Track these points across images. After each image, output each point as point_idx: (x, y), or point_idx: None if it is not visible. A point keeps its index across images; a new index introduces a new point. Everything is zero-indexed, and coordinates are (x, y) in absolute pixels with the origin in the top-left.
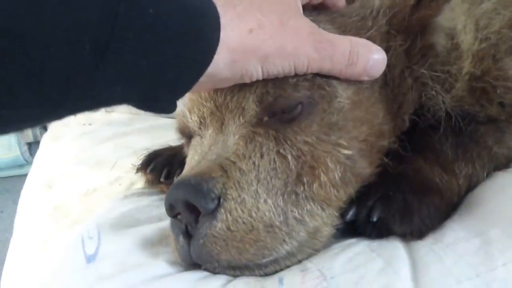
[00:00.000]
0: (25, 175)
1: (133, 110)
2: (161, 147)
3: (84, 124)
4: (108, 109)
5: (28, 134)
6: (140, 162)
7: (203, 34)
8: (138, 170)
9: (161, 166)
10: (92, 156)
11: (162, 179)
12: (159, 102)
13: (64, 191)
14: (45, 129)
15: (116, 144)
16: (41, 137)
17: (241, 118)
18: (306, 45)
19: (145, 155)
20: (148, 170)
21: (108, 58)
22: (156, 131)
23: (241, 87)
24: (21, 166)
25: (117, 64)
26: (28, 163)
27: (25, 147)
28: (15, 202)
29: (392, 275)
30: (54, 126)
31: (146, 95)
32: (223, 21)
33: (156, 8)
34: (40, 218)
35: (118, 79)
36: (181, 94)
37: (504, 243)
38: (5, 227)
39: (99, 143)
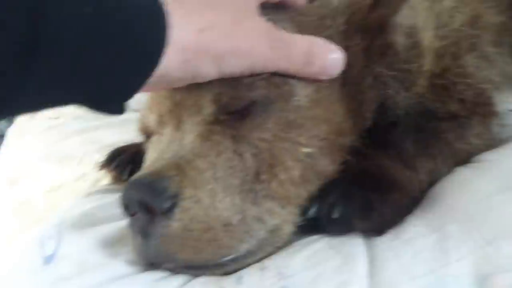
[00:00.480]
0: None
1: None
2: (126, 144)
3: (51, 118)
4: None
5: None
6: (104, 159)
7: (149, 34)
8: (101, 167)
9: (125, 163)
10: (59, 151)
11: (125, 177)
12: (106, 103)
13: (29, 188)
14: (11, 123)
15: (84, 139)
16: (6, 131)
17: (198, 116)
18: (261, 45)
19: (109, 152)
20: (111, 167)
21: (39, 59)
22: (126, 125)
23: (198, 85)
24: None
25: (50, 67)
26: None
27: None
28: None
29: (348, 273)
30: (20, 120)
31: (90, 97)
32: (172, 20)
33: (92, 8)
34: (3, 215)
35: (54, 81)
36: (128, 96)
37: (459, 239)
38: None
39: (67, 137)
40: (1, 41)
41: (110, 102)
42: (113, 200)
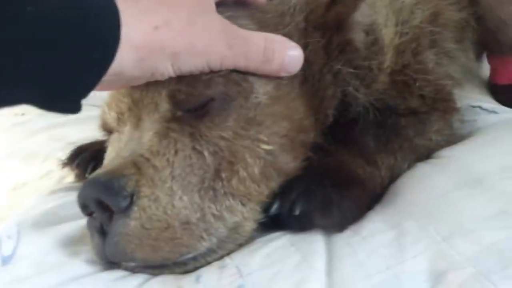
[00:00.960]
0: None
1: None
2: (89, 141)
3: (16, 114)
4: None
5: None
6: (66, 156)
7: (99, 32)
8: (64, 165)
9: (87, 161)
10: (24, 148)
11: (87, 175)
12: (59, 102)
13: None
14: None
15: (49, 136)
16: None
17: (155, 114)
18: (218, 42)
19: (71, 149)
20: (74, 165)
21: None
22: (93, 122)
23: (155, 83)
24: None
25: None
26: None
27: None
28: None
29: (307, 270)
30: None
31: (42, 96)
32: (125, 17)
33: (37, 7)
34: None
35: (1, 83)
36: (83, 94)
37: (416, 235)
38: None
39: (32, 134)
40: None
41: (64, 102)
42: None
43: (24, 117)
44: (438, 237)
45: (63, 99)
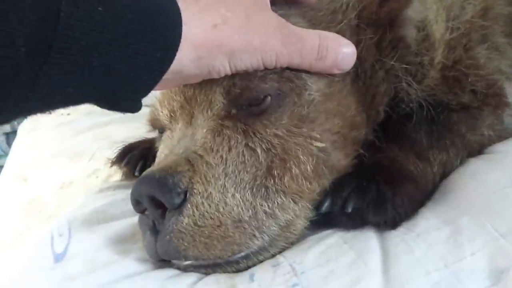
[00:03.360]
0: (1, 167)
1: None
2: (137, 139)
3: (62, 114)
4: None
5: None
6: (115, 155)
7: (163, 31)
8: (113, 163)
9: (136, 160)
10: (70, 147)
11: (136, 173)
12: (120, 101)
13: (40, 184)
14: (23, 119)
15: (95, 135)
16: (18, 127)
17: (209, 111)
18: (273, 40)
19: (120, 148)
20: (123, 164)
21: (52, 59)
22: (138, 121)
23: (209, 80)
24: None
25: (63, 64)
26: (5, 153)
27: (2, 138)
28: None
29: (362, 268)
30: (32, 117)
31: (105, 95)
32: (185, 16)
33: (106, 6)
34: (14, 212)
35: (68, 80)
36: (144, 93)
37: (473, 231)
38: None
39: (78, 133)
40: (14, 41)
41: (125, 100)
42: (125, 196)
43: (70, 116)
44: (496, 233)
45: (125, 98)
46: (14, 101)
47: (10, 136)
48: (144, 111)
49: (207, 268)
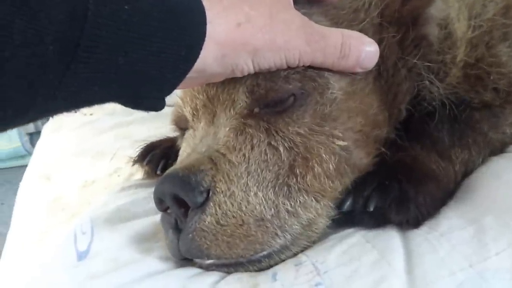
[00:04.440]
0: (26, 166)
1: None
2: (159, 138)
3: (85, 114)
4: None
5: (29, 124)
6: (137, 154)
7: (187, 29)
8: (135, 162)
9: (158, 158)
10: (92, 146)
11: (158, 172)
12: (145, 99)
13: (63, 183)
14: (47, 119)
15: (117, 134)
16: (42, 127)
17: (231, 110)
18: (297, 38)
19: (142, 147)
20: (145, 162)
21: (79, 57)
22: (159, 120)
23: (232, 79)
24: (22, 157)
25: (90, 63)
26: (29, 153)
27: (26, 138)
28: (16, 193)
29: (386, 268)
30: (56, 117)
31: (130, 93)
32: (209, 15)
33: (133, 4)
34: (37, 211)
35: (94, 78)
36: (168, 91)
37: (498, 231)
38: (6, 219)
39: (100, 133)
40: (42, 40)
41: (149, 99)
42: (147, 195)
43: (93, 116)
44: None
45: (149, 96)
46: (42, 99)
47: (34, 136)
48: (166, 110)
49: (229, 267)
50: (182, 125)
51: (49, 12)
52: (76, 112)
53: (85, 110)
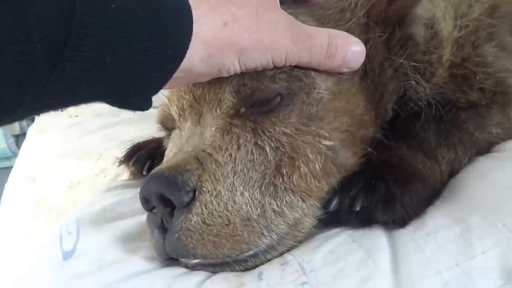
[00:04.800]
0: (11, 168)
1: None
2: (145, 139)
3: (71, 116)
4: None
5: (15, 126)
6: (123, 154)
7: (174, 28)
8: (121, 162)
9: (144, 159)
10: (78, 147)
11: (144, 172)
12: (131, 99)
13: (48, 184)
14: (32, 120)
15: (103, 135)
16: (28, 129)
17: (218, 110)
18: (283, 38)
19: (128, 147)
20: (131, 163)
21: (67, 56)
22: (146, 121)
23: (218, 79)
24: (8, 158)
25: (77, 61)
26: (15, 155)
27: (12, 139)
28: (2, 195)
29: (372, 267)
30: (41, 118)
31: (117, 92)
32: (196, 14)
33: (119, 3)
34: (23, 212)
35: (82, 77)
36: (154, 91)
37: (484, 230)
38: None
39: (86, 134)
40: (30, 38)
41: (135, 98)
42: (133, 195)
43: (78, 118)
44: (507, 232)
45: (136, 95)
46: (31, 97)
47: (20, 138)
48: (152, 112)
49: (215, 266)
50: (168, 124)
51: (36, 10)
52: (63, 110)
53: (71, 112)
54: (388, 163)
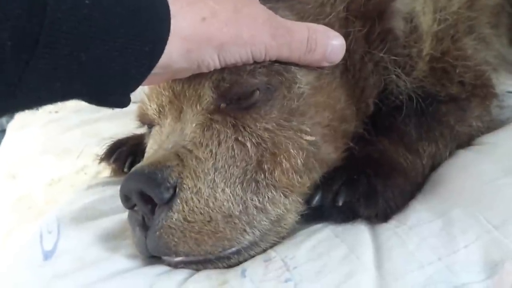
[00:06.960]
0: None
1: None
2: (126, 135)
3: (50, 112)
4: None
5: None
6: (104, 151)
7: (151, 24)
8: (101, 160)
9: (125, 156)
10: (58, 144)
11: (125, 169)
12: (109, 96)
13: (28, 181)
14: (12, 117)
15: (84, 132)
16: (7, 125)
17: (198, 105)
18: (262, 33)
19: (108, 144)
20: (111, 160)
21: (39, 53)
22: (127, 117)
23: (198, 75)
24: None
25: (50, 59)
26: None
27: None
28: None
29: (355, 262)
30: (21, 115)
31: (93, 90)
32: (173, 9)
33: (92, 0)
34: (2, 210)
35: (56, 75)
36: (133, 88)
37: (466, 223)
38: None
39: (67, 130)
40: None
41: (113, 95)
42: (114, 193)
43: (58, 114)
44: (489, 225)
45: (114, 92)
46: (1, 96)
47: None
48: (133, 107)
49: (198, 264)
50: (146, 121)
51: (4, 6)
52: (38, 109)
53: (50, 108)
54: (370, 157)
